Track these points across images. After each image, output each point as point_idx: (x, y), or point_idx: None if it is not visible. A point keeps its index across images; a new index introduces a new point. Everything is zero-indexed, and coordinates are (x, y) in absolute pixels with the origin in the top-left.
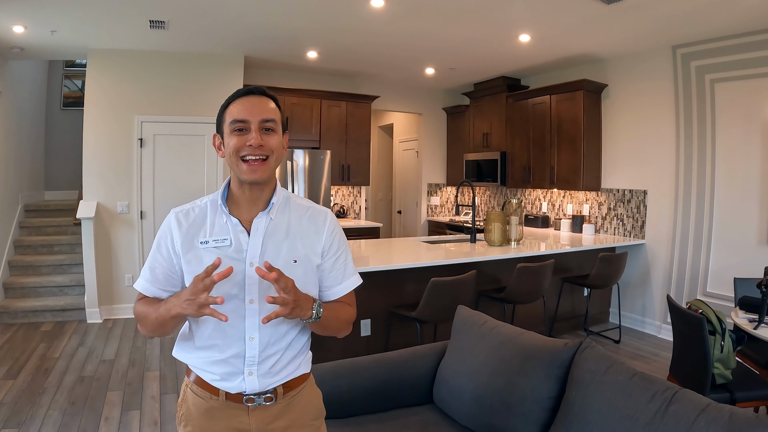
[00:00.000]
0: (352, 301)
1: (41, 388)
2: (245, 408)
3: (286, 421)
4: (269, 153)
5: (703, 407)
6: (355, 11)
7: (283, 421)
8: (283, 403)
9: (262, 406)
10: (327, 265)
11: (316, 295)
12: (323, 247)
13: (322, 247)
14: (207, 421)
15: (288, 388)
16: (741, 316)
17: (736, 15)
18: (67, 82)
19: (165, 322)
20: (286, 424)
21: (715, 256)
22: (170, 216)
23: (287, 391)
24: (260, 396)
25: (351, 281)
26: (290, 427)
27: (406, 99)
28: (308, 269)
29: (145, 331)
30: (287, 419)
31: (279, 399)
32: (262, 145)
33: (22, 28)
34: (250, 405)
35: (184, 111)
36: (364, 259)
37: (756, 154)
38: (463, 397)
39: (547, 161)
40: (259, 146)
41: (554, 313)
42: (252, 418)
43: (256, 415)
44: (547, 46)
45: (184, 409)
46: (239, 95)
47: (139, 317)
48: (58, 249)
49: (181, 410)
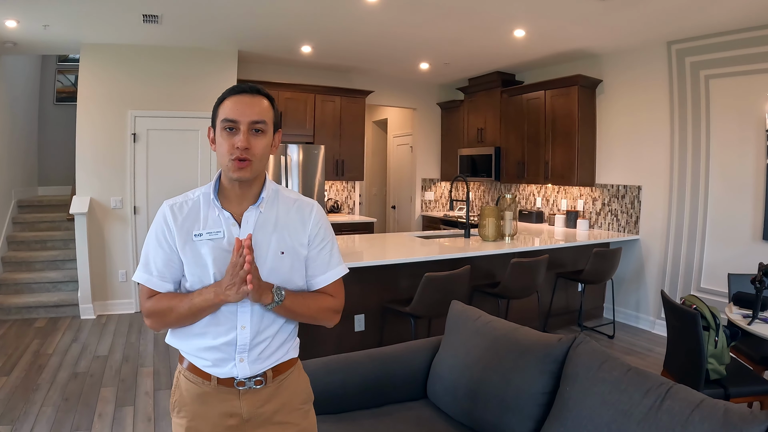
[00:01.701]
0: (337, 292)
1: (35, 385)
2: (236, 392)
3: (276, 405)
4: (253, 157)
5: (697, 403)
6: (350, 6)
7: (273, 404)
8: (272, 387)
9: (252, 390)
10: (312, 254)
11: (303, 286)
12: (309, 237)
13: (308, 237)
14: (200, 407)
15: (277, 372)
16: (735, 311)
17: (730, 11)
18: (60, 77)
19: (198, 313)
20: (277, 408)
21: (709, 252)
22: (164, 209)
23: (276, 375)
24: (250, 380)
25: (336, 271)
26: (280, 411)
27: (401, 94)
28: (295, 260)
29: (161, 325)
30: (277, 403)
31: (269, 382)
32: (248, 148)
33: (15, 23)
34: (241, 389)
35: (177, 106)
36: (358, 254)
37: (750, 150)
38: (457, 392)
39: (541, 156)
40: (245, 149)
41: (548, 309)
42: (243, 402)
43: (247, 399)
44: (541, 41)
45: (177, 395)
46: (233, 93)
47: (156, 313)
48: (52, 245)
49: (174, 396)
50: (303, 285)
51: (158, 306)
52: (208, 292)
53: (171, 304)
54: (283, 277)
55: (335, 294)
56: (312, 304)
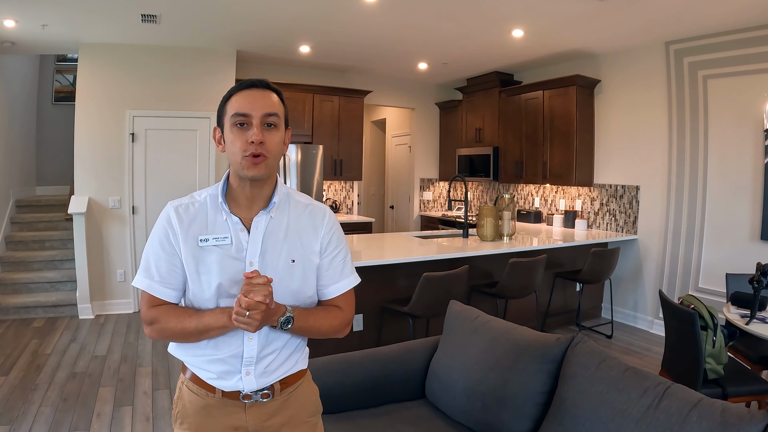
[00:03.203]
0: (348, 303)
1: (33, 385)
2: (242, 405)
3: (283, 418)
4: (268, 153)
5: (695, 402)
6: (348, 5)
7: (280, 417)
8: (280, 400)
9: (259, 403)
10: (324, 262)
11: (314, 296)
12: (321, 244)
13: (319, 244)
14: (203, 419)
15: (285, 384)
16: (733, 311)
17: (729, 11)
18: (58, 77)
19: (207, 332)
20: (284, 421)
21: (707, 252)
22: (169, 210)
23: (284, 388)
24: (257, 393)
25: (348, 281)
26: (287, 424)
27: (399, 94)
28: (307, 269)
29: (162, 337)
30: (285, 416)
31: (276, 396)
32: (263, 142)
33: (13, 22)
34: (247, 402)
35: (176, 105)
36: (357, 253)
37: (748, 150)
38: (455, 392)
39: (539, 156)
40: (260, 143)
41: (546, 308)
42: (249, 415)
43: (253, 412)
44: (540, 41)
45: (180, 406)
46: (242, 87)
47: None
48: (50, 245)
49: (177, 408)
50: (314, 295)
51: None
52: (222, 312)
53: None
54: (294, 287)
55: (345, 306)
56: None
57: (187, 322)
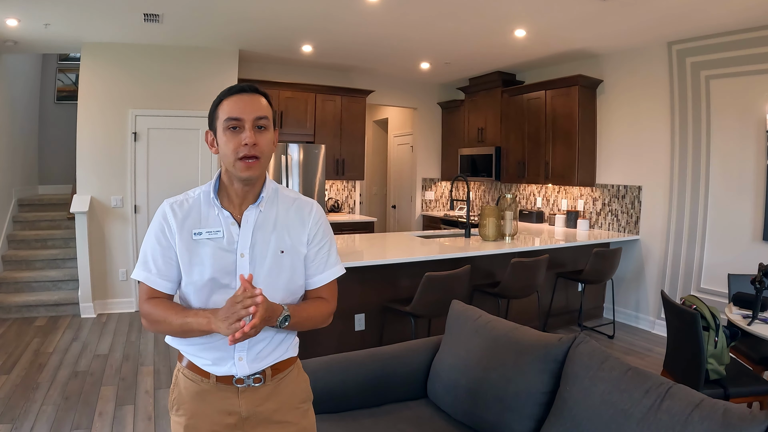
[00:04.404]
0: (331, 294)
1: (35, 384)
2: (235, 390)
3: (275, 404)
4: (261, 154)
5: (697, 402)
6: (351, 5)
7: (272, 403)
8: (271, 385)
9: (251, 388)
10: (311, 253)
11: (302, 284)
12: (308, 236)
13: (307, 236)
14: (198, 405)
15: (276, 370)
16: (735, 312)
17: (731, 11)
18: (60, 76)
19: (188, 332)
20: (276, 407)
21: (709, 252)
22: (165, 206)
23: (275, 374)
24: (249, 377)
25: (333, 271)
26: (279, 410)
27: (401, 93)
28: (295, 259)
29: (155, 329)
30: (276, 401)
31: (267, 380)
32: (256, 144)
33: (16, 21)
34: (240, 386)
35: (178, 105)
36: (358, 253)
37: (750, 150)
38: (457, 391)
39: (541, 156)
40: (253, 145)
41: (548, 308)
42: (242, 400)
43: (246, 398)
44: (542, 41)
45: (176, 393)
46: (232, 92)
47: (151, 318)
48: (52, 243)
49: (173, 394)
50: (303, 284)
51: (153, 313)
52: (204, 316)
53: (167, 315)
54: (284, 276)
55: (329, 297)
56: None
57: (173, 319)
